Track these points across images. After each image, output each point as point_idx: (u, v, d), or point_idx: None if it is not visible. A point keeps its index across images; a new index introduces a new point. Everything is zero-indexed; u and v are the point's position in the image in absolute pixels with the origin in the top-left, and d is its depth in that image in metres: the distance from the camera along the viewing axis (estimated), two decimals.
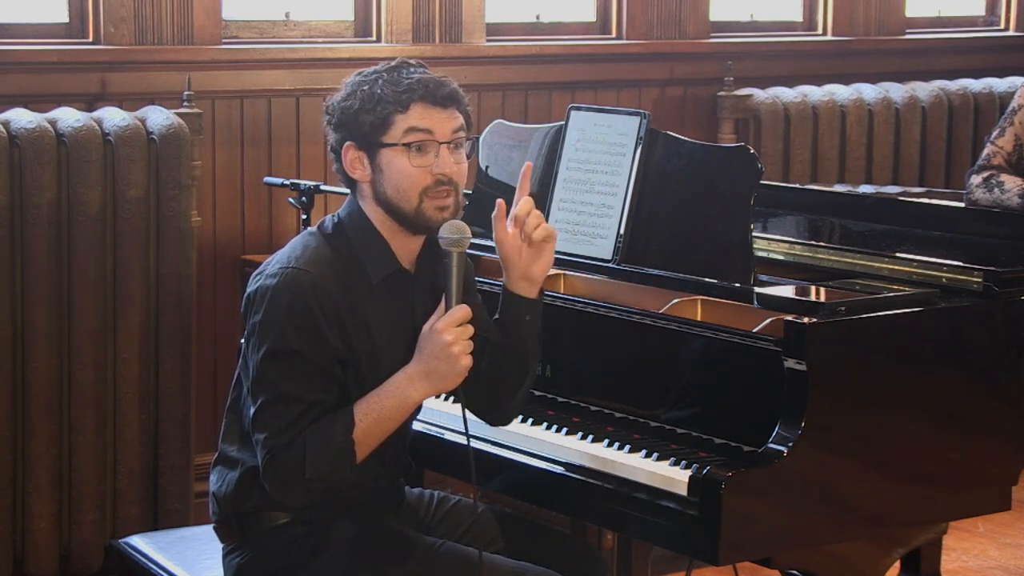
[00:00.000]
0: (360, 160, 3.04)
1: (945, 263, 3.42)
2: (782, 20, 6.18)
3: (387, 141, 3.00)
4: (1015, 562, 4.88)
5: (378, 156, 3.02)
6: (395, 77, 3.02)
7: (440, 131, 3.00)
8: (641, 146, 3.51)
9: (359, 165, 3.04)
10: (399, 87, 3.00)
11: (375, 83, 3.02)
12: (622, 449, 3.19)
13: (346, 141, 3.04)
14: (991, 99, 6.21)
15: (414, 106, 2.99)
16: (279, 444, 2.93)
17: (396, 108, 2.99)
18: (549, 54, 5.45)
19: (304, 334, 2.95)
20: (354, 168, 3.05)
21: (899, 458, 3.19)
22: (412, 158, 3.00)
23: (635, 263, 3.49)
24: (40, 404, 4.36)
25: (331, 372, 2.98)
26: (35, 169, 4.29)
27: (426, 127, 2.99)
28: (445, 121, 3.01)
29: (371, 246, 3.06)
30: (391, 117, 2.99)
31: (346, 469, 2.96)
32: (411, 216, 3.02)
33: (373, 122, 3.00)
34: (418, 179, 3.00)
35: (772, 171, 5.60)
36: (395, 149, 3.00)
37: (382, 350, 3.04)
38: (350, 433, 2.94)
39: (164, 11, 4.73)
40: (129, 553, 3.48)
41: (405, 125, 2.99)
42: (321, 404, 2.96)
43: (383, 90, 3.00)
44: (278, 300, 2.96)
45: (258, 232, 4.94)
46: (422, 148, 3.00)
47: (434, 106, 3.00)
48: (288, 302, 2.96)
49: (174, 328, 4.53)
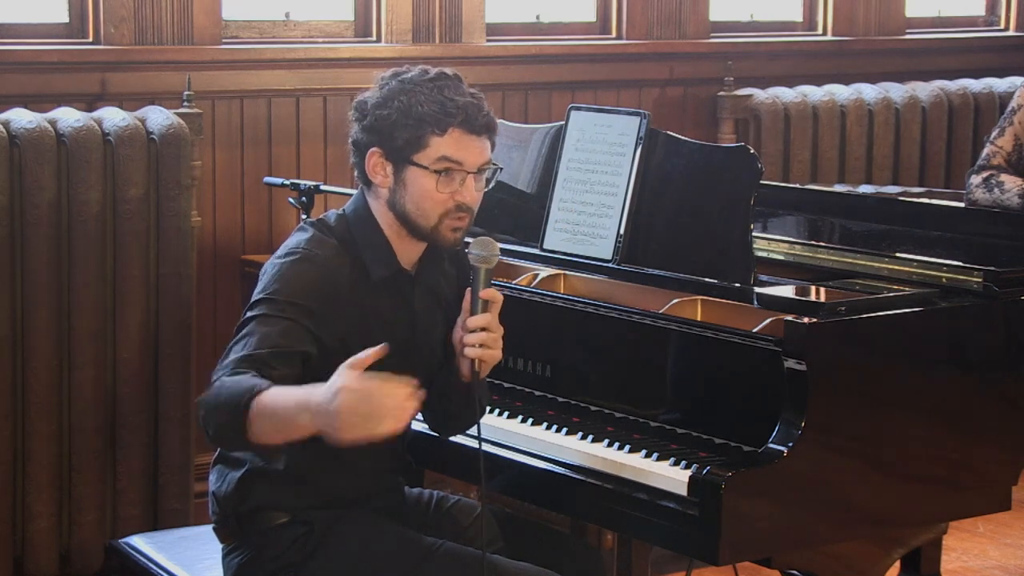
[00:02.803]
0: (383, 168, 3.04)
1: (945, 263, 3.42)
2: (782, 20, 6.18)
3: (417, 161, 3.01)
4: (1015, 562, 4.88)
5: (404, 170, 3.02)
6: (436, 95, 3.00)
7: (470, 162, 3.02)
8: (641, 146, 3.51)
9: (381, 171, 3.05)
10: (441, 108, 2.99)
11: (414, 95, 3.00)
12: (622, 449, 3.19)
13: (373, 146, 3.04)
14: (991, 99, 6.21)
15: (452, 131, 3.00)
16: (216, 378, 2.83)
17: (433, 129, 2.99)
18: (549, 54, 5.45)
19: (306, 296, 2.94)
20: (375, 173, 3.06)
21: (899, 458, 3.19)
22: (439, 184, 3.01)
23: (635, 263, 3.49)
24: (40, 404, 4.36)
25: (304, 344, 2.90)
26: (35, 169, 4.29)
27: (458, 159, 3.00)
28: (477, 153, 3.02)
29: (374, 245, 3.07)
30: (427, 138, 2.99)
31: (231, 428, 2.73)
32: (426, 232, 3.05)
33: (407, 138, 3.00)
34: (440, 203, 3.02)
35: (772, 171, 5.60)
36: (423, 170, 3.01)
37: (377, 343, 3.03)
38: (252, 395, 2.72)
39: (164, 11, 4.73)
40: (129, 553, 3.48)
41: (438, 151, 2.99)
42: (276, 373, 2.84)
43: (423, 107, 2.99)
44: (288, 269, 2.97)
45: (258, 232, 4.94)
46: (449, 173, 3.01)
47: (471, 133, 3.01)
48: (298, 271, 2.97)
49: (174, 328, 4.53)
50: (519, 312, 3.35)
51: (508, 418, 3.40)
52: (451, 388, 3.13)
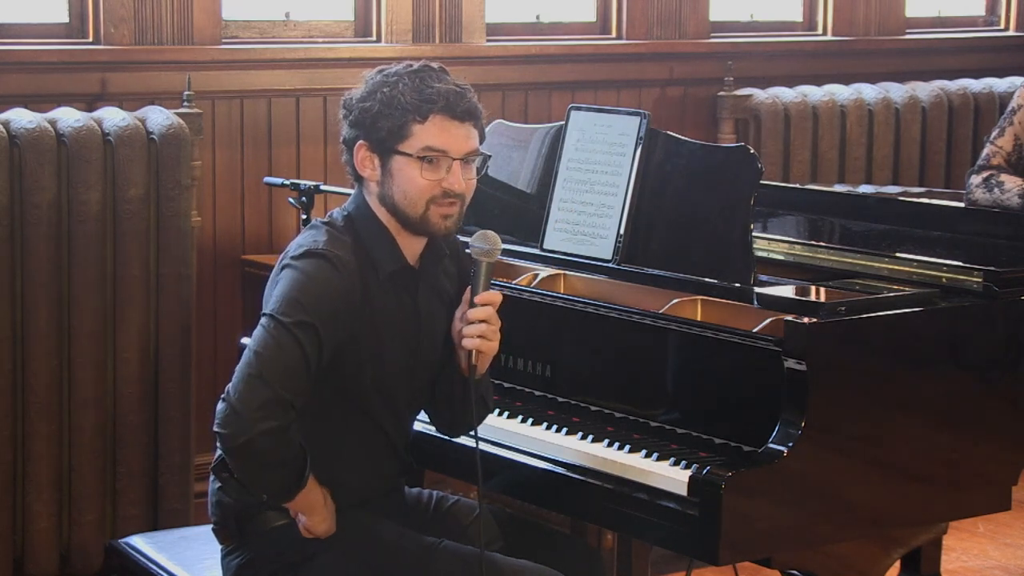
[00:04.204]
0: (371, 160, 3.05)
1: (945, 263, 3.42)
2: (782, 20, 6.18)
3: (401, 150, 3.01)
4: (1015, 562, 4.88)
5: (390, 161, 3.03)
6: (417, 84, 3.01)
7: (455, 149, 3.02)
8: (641, 146, 3.51)
9: (369, 165, 3.06)
10: (420, 95, 3.00)
11: (396, 86, 3.02)
12: (622, 449, 3.19)
13: (359, 140, 3.05)
14: (991, 99, 6.21)
15: (433, 117, 3.00)
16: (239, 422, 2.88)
17: (415, 117, 3.00)
18: (549, 54, 5.45)
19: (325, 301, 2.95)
20: (364, 166, 3.06)
21: (899, 458, 3.19)
22: (424, 170, 3.01)
23: (635, 263, 3.49)
24: (40, 404, 4.36)
25: (312, 368, 2.94)
26: (35, 169, 4.29)
27: (442, 147, 3.00)
28: (461, 139, 3.02)
29: (380, 240, 3.07)
30: (408, 126, 3.00)
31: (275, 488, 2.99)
32: (415, 221, 3.04)
33: (390, 128, 3.01)
34: (427, 190, 3.02)
35: (772, 171, 5.60)
36: (408, 158, 3.01)
37: (385, 342, 3.06)
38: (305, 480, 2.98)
39: (164, 11, 4.73)
40: (129, 553, 3.48)
41: (421, 140, 3.00)
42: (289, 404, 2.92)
43: (404, 96, 3.00)
44: (308, 272, 2.97)
45: (258, 232, 4.94)
46: (434, 161, 3.01)
47: (452, 119, 3.01)
48: (317, 274, 2.97)
49: (174, 328, 4.53)
50: (519, 312, 3.35)
51: (508, 418, 3.39)
52: (454, 388, 3.14)
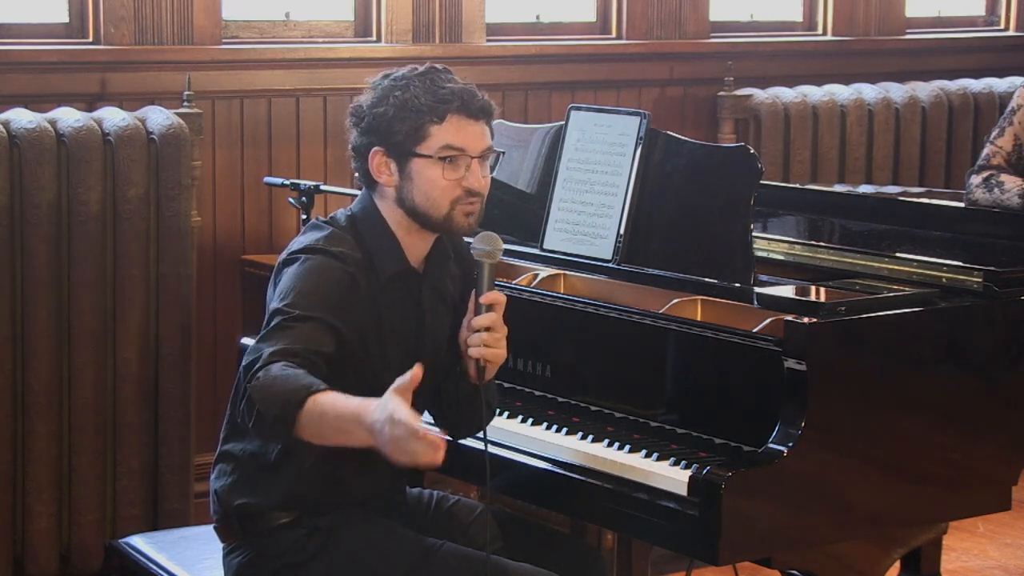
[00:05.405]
0: (387, 166, 3.05)
1: (945, 263, 3.42)
2: (782, 20, 6.18)
3: (421, 152, 3.02)
4: (1015, 562, 4.88)
5: (409, 164, 3.04)
6: (429, 85, 3.02)
7: (472, 147, 3.03)
8: (641, 146, 3.51)
9: (385, 170, 3.06)
10: (435, 96, 3.01)
11: (408, 89, 3.02)
12: (622, 449, 3.19)
13: (374, 147, 3.05)
14: (991, 99, 6.21)
15: (450, 117, 3.01)
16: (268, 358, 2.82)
17: (431, 118, 3.00)
18: (549, 54, 5.45)
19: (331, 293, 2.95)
20: (380, 172, 3.06)
21: (899, 458, 3.19)
22: (445, 171, 3.02)
23: (635, 263, 3.49)
24: (40, 404, 4.36)
25: (330, 345, 2.91)
26: (35, 169, 4.29)
27: (460, 145, 3.01)
28: (478, 137, 3.04)
29: (383, 243, 3.08)
30: (426, 128, 3.01)
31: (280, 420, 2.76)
32: (439, 222, 3.06)
33: (407, 131, 3.01)
34: (449, 190, 3.03)
35: (772, 171, 5.60)
36: (427, 160, 3.01)
37: (388, 343, 3.06)
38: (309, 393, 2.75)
39: (164, 11, 4.73)
40: (129, 553, 3.48)
41: (441, 139, 3.01)
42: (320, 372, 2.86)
43: (418, 99, 3.01)
44: (312, 266, 2.97)
45: (258, 232, 4.94)
46: (454, 161, 3.02)
47: (468, 118, 3.02)
48: (321, 269, 2.97)
49: (174, 328, 4.53)
50: (519, 312, 3.34)
51: (508, 418, 3.40)
52: (460, 392, 3.14)
